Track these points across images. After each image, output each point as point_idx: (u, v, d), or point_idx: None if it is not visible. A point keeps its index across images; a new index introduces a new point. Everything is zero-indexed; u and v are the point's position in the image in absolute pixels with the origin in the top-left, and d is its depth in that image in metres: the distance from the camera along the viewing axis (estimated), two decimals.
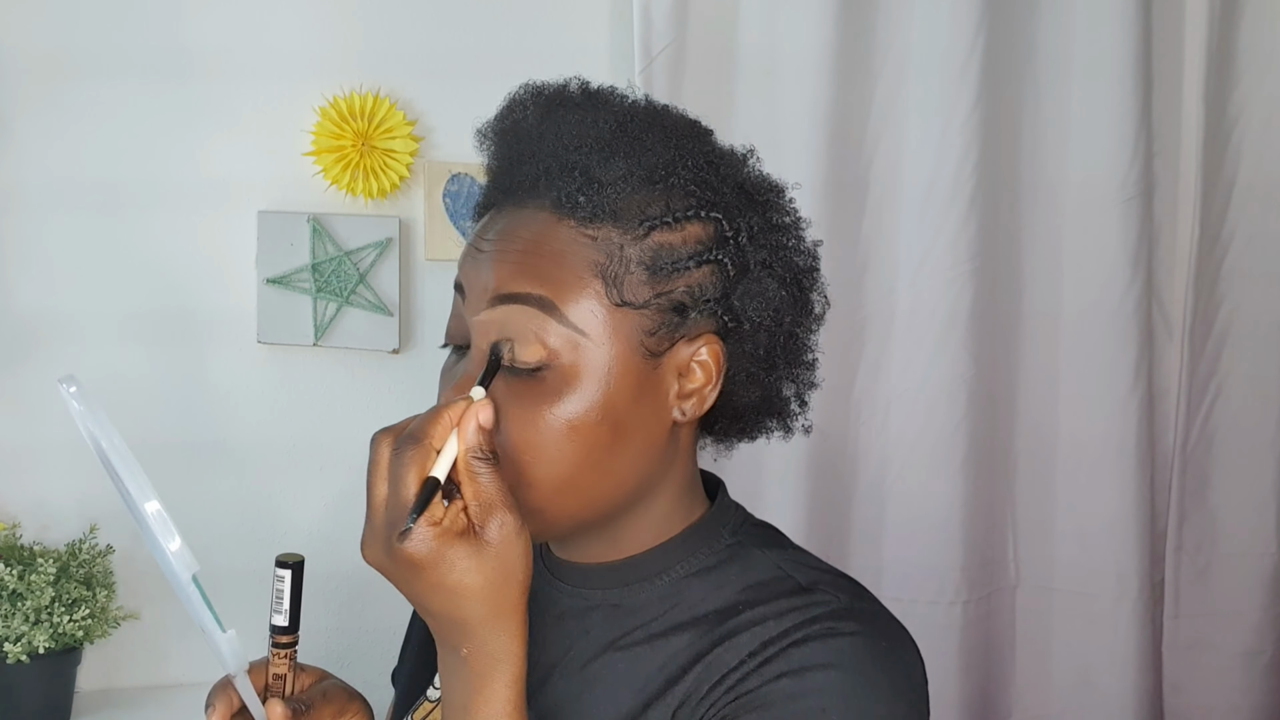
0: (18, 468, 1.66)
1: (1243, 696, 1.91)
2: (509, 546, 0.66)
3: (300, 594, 0.75)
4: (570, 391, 0.72)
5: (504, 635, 0.67)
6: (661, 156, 0.75)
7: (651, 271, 0.73)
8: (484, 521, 0.66)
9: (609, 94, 0.80)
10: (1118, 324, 1.78)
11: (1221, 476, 1.90)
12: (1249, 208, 1.87)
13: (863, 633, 0.72)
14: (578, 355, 0.72)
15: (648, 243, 0.73)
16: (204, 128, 1.68)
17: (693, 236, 0.74)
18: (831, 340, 1.73)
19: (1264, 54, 1.85)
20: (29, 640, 1.44)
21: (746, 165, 0.81)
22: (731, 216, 0.76)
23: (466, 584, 0.65)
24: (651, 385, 0.74)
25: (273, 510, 1.69)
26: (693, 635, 0.75)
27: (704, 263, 0.74)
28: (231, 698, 0.75)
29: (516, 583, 0.67)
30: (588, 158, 0.74)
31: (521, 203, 0.75)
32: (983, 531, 1.81)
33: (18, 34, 1.63)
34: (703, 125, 0.81)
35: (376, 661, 0.88)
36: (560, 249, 0.73)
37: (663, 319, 0.74)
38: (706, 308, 0.75)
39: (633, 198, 0.73)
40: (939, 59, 1.72)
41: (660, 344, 0.74)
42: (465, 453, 0.67)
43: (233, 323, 1.70)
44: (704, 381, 0.76)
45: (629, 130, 0.75)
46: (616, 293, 0.72)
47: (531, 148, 0.76)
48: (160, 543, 0.65)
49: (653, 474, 0.77)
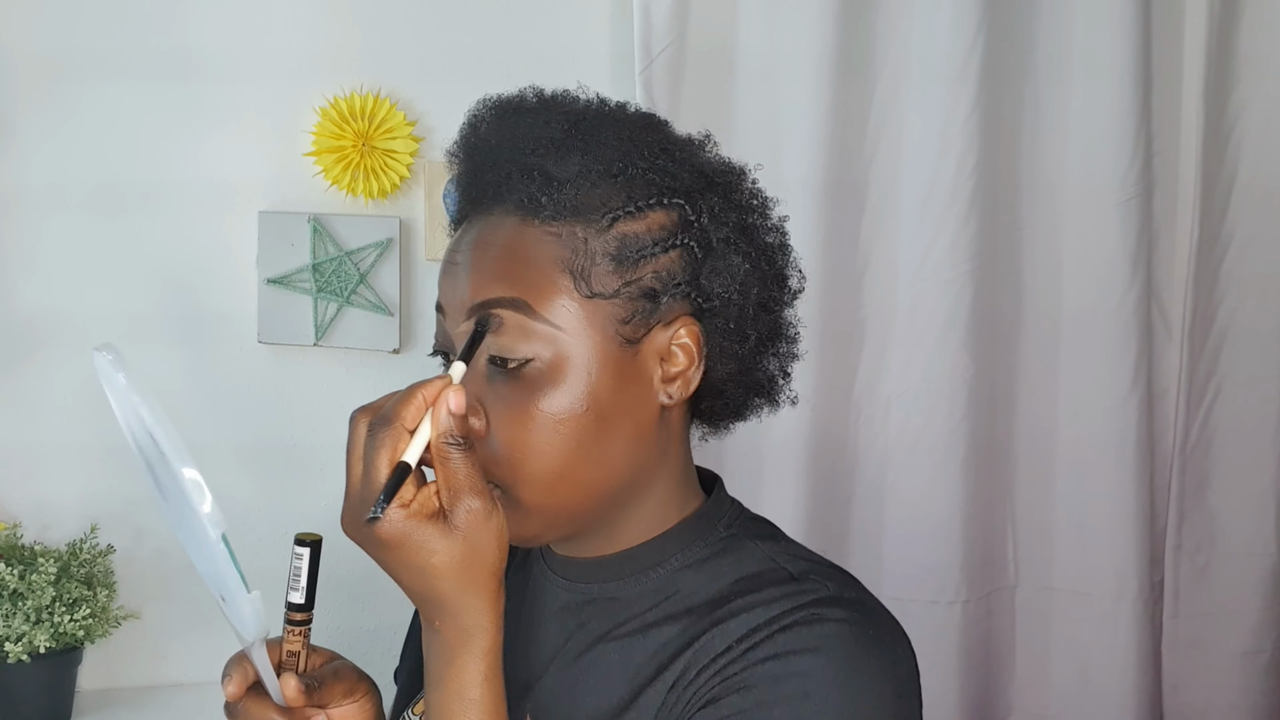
0: (18, 468, 1.66)
1: (1242, 696, 1.91)
2: (476, 530, 0.68)
3: (317, 573, 0.76)
4: (554, 387, 0.73)
5: (474, 610, 0.69)
6: (617, 150, 0.77)
7: (617, 261, 0.75)
8: (452, 506, 0.68)
9: (561, 97, 0.81)
10: (1117, 324, 1.78)
11: (1221, 476, 1.90)
12: (1249, 208, 1.87)
13: (849, 619, 0.73)
14: (557, 350, 0.74)
15: (611, 234, 0.75)
16: (205, 128, 1.69)
17: (656, 223, 0.76)
18: (831, 340, 1.75)
19: (1263, 54, 1.85)
20: (30, 640, 1.45)
21: (705, 150, 0.82)
22: (693, 200, 0.77)
23: (434, 564, 0.68)
24: (633, 372, 0.76)
25: (273, 510, 1.69)
26: (685, 624, 0.76)
27: (670, 248, 0.76)
28: (247, 669, 0.76)
29: (486, 564, 0.69)
30: (545, 159, 0.76)
31: (488, 210, 0.78)
32: (982, 531, 1.81)
33: (18, 33, 1.64)
34: (657, 117, 0.83)
35: (377, 662, 0.88)
36: (528, 250, 0.75)
37: (635, 306, 0.75)
38: (679, 291, 0.76)
39: (593, 192, 0.75)
40: (939, 60, 1.72)
41: (636, 331, 0.75)
42: (438, 437, 0.69)
43: (233, 323, 1.70)
44: (686, 364, 0.78)
45: (582, 128, 0.78)
46: (585, 285, 0.74)
47: (492, 156, 0.79)
48: (194, 506, 0.67)
49: (646, 461, 0.79)
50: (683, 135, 0.82)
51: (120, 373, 0.67)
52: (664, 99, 1.68)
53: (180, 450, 0.66)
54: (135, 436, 0.69)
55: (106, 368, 0.67)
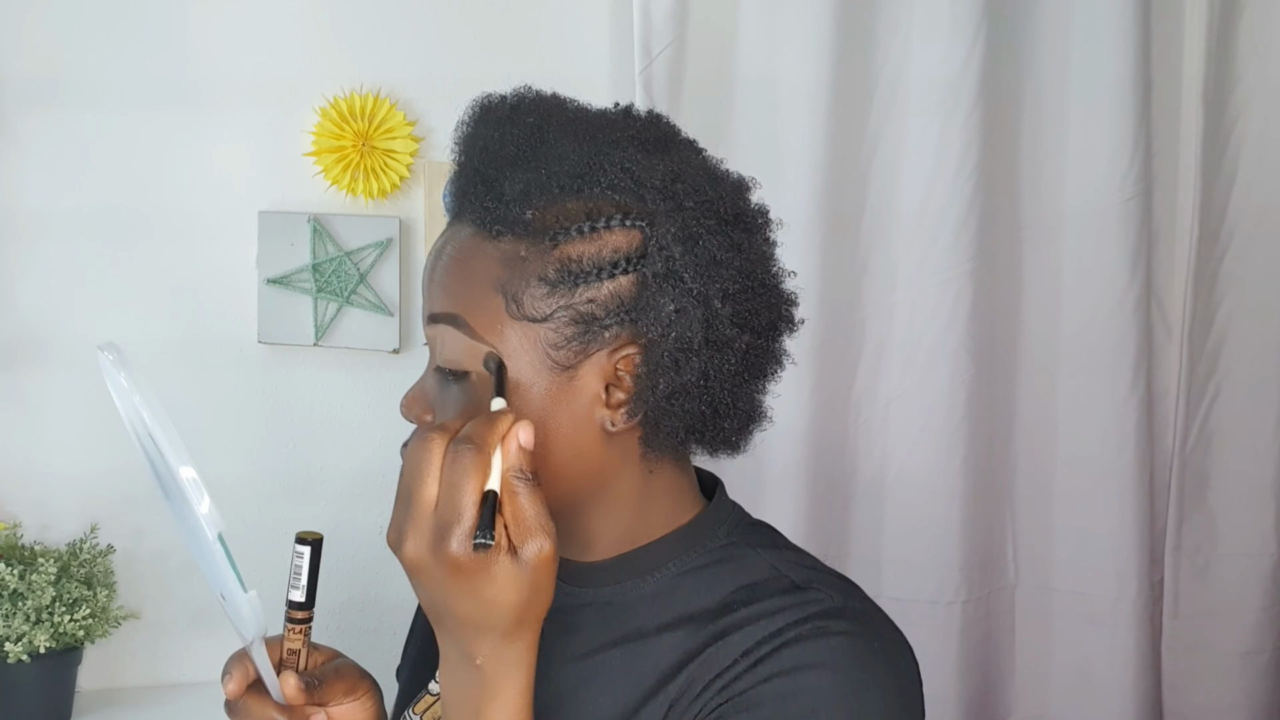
0: (18, 468, 1.66)
1: (1241, 696, 1.91)
2: (542, 570, 0.66)
3: (318, 571, 0.75)
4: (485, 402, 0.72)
5: (520, 646, 0.68)
6: (576, 165, 0.73)
7: (551, 285, 0.72)
8: (522, 542, 0.66)
9: (534, 103, 0.78)
10: (1117, 324, 1.78)
11: (1221, 477, 1.90)
12: (1249, 208, 1.87)
13: (855, 632, 0.72)
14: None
15: (554, 255, 0.72)
16: (205, 128, 1.69)
17: (610, 245, 0.72)
18: (831, 340, 1.74)
19: (1263, 54, 1.85)
20: (30, 640, 1.45)
21: (693, 160, 0.77)
22: (656, 223, 0.73)
23: (502, 599, 0.66)
24: (567, 396, 0.73)
25: (273, 510, 1.69)
26: (686, 633, 0.75)
27: (623, 272, 0.72)
28: (248, 667, 0.76)
29: (542, 604, 0.68)
30: (500, 171, 0.75)
31: (459, 219, 0.77)
32: (982, 531, 1.81)
33: (18, 30, 1.64)
34: (633, 128, 0.77)
35: (377, 661, 0.88)
36: (472, 265, 0.74)
37: (571, 332, 0.72)
38: (625, 318, 0.72)
39: (546, 210, 0.73)
40: (939, 59, 1.72)
41: (571, 357, 0.73)
42: (508, 470, 0.67)
43: (233, 323, 1.70)
44: (626, 394, 0.74)
45: (544, 139, 0.75)
46: (516, 307, 0.73)
47: (465, 161, 0.78)
48: (192, 506, 0.67)
49: (591, 483, 0.77)
50: (654, 149, 0.76)
51: (122, 372, 0.67)
52: (663, 99, 1.68)
53: (179, 449, 0.66)
54: (138, 435, 0.70)
55: (109, 367, 0.67)
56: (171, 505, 0.71)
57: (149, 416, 0.66)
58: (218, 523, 0.68)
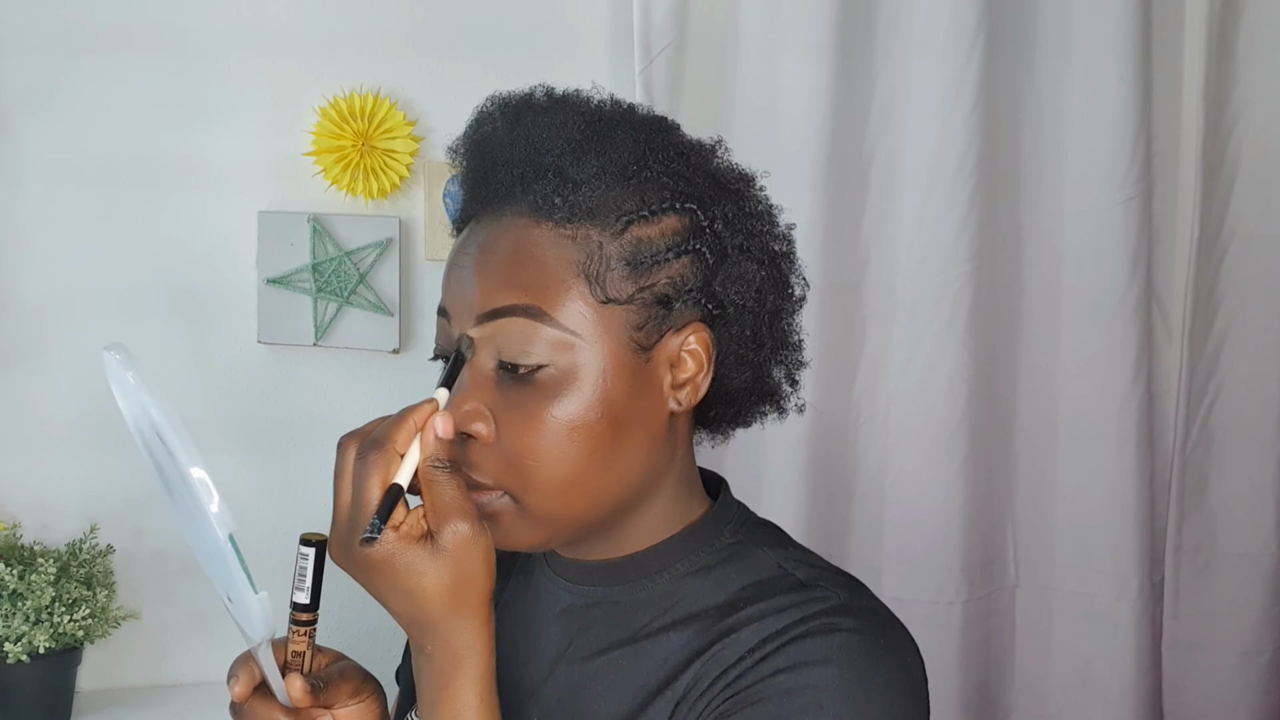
0: (18, 468, 1.66)
1: (1242, 696, 1.91)
2: (464, 552, 0.68)
3: (322, 573, 0.76)
4: (568, 393, 0.72)
5: (466, 634, 0.69)
6: (632, 152, 0.76)
7: (632, 266, 0.74)
8: (439, 528, 0.68)
9: (574, 97, 0.80)
10: (1117, 324, 1.78)
11: (1221, 476, 1.90)
12: (1249, 208, 1.87)
13: (861, 629, 0.72)
14: (572, 357, 0.73)
15: (626, 238, 0.74)
16: (205, 128, 1.69)
17: (670, 228, 0.75)
18: (832, 338, 1.75)
19: (1264, 53, 1.85)
20: (29, 640, 1.44)
21: (716, 156, 0.81)
22: (706, 206, 0.77)
23: (423, 587, 0.68)
24: (645, 378, 0.75)
25: (274, 511, 1.69)
26: (693, 632, 0.76)
27: (683, 253, 0.75)
28: (254, 670, 0.76)
29: (475, 587, 0.69)
30: (560, 159, 0.75)
31: (499, 211, 0.76)
32: (982, 531, 1.81)
33: (18, 30, 1.63)
34: (669, 120, 0.81)
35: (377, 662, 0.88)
36: (541, 253, 0.74)
37: (649, 312, 0.74)
38: (690, 297, 0.76)
39: (608, 195, 0.74)
40: (939, 58, 1.72)
41: (649, 337, 0.75)
42: (424, 461, 0.69)
43: (233, 323, 1.70)
44: (696, 370, 0.77)
45: (598, 129, 0.76)
46: (601, 290, 0.73)
47: (504, 155, 0.77)
48: (203, 506, 0.67)
49: (655, 468, 0.78)
50: (694, 139, 0.81)
51: (129, 371, 0.67)
52: (664, 99, 1.68)
53: (189, 449, 0.67)
54: (143, 435, 0.69)
55: (116, 366, 0.67)
56: (176, 505, 0.71)
57: (159, 415, 0.66)
58: (229, 523, 0.68)
